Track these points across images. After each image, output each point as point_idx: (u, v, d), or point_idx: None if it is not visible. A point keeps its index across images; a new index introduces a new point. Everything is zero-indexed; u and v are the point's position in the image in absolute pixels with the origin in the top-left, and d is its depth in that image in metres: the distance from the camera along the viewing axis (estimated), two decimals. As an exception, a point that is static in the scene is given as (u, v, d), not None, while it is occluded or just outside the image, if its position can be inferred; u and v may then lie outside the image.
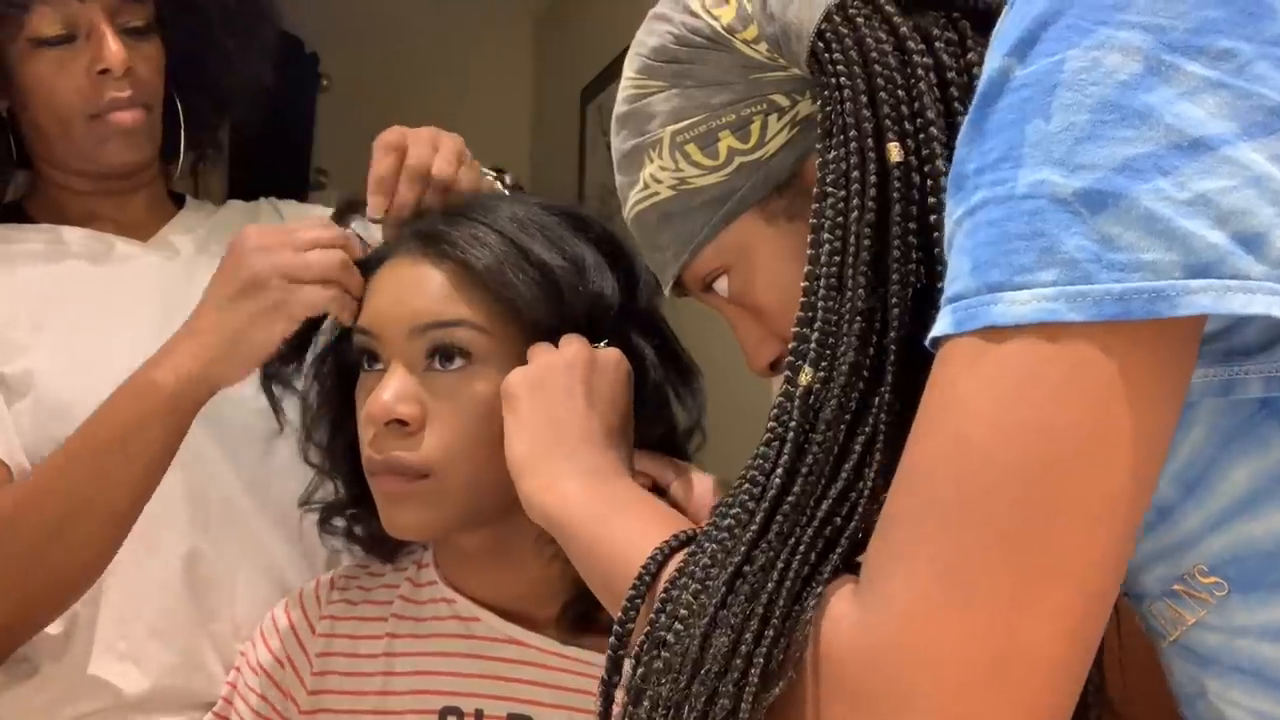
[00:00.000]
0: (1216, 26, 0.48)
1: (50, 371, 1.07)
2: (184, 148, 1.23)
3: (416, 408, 0.86)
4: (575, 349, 0.84)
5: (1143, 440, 0.48)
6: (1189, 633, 0.57)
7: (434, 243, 0.89)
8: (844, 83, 0.63)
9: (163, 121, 1.19)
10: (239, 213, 1.29)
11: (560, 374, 0.82)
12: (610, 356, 0.85)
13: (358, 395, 0.91)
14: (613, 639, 0.66)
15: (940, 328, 0.52)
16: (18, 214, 1.20)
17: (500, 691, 0.92)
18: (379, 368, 0.89)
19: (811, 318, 0.62)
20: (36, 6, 1.09)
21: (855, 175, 0.62)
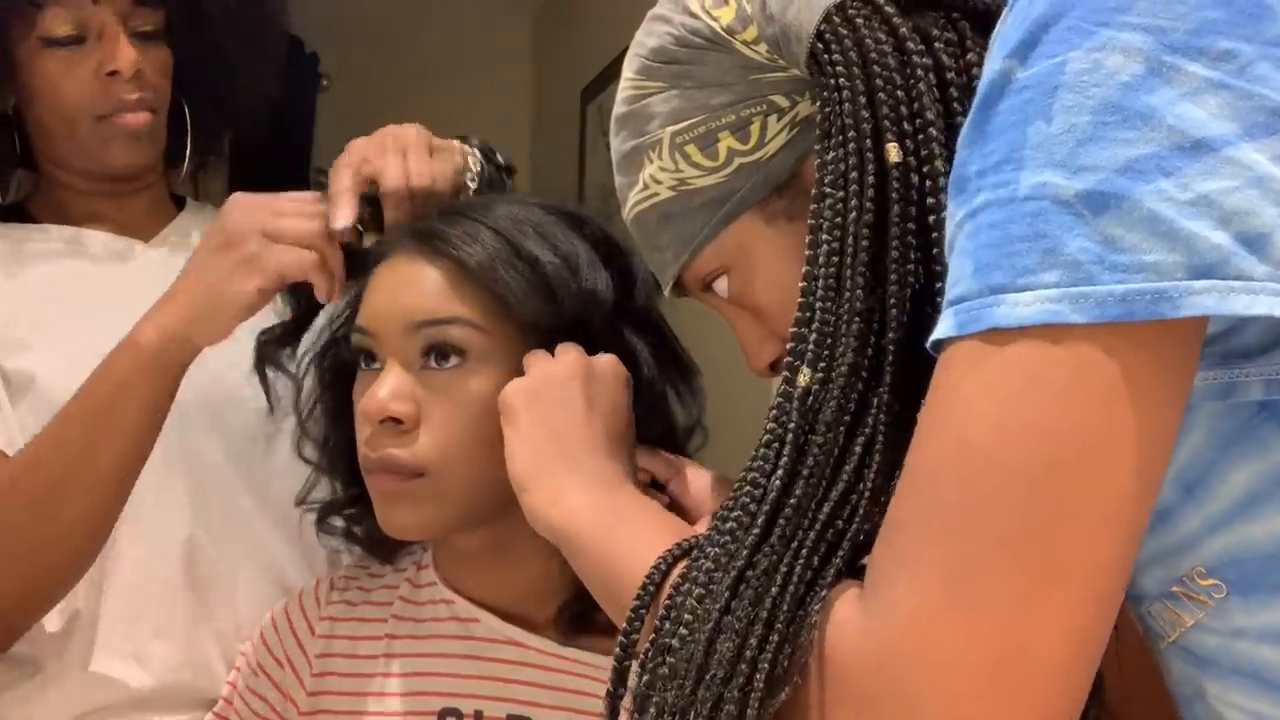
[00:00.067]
0: (1217, 27, 0.48)
1: (51, 370, 1.07)
2: (189, 153, 1.23)
3: (411, 406, 0.86)
4: (571, 358, 0.84)
5: (1147, 441, 0.48)
6: (1187, 634, 0.57)
7: (430, 241, 0.89)
8: (843, 83, 0.63)
9: (168, 126, 1.19)
10: None
11: (557, 384, 0.81)
12: (607, 363, 0.85)
13: (355, 394, 0.91)
14: (618, 650, 0.66)
15: (942, 330, 0.51)
16: (20, 214, 1.20)
17: (499, 693, 0.92)
18: (376, 367, 0.89)
19: (810, 318, 0.62)
20: (49, 6, 1.10)
21: (854, 176, 0.62)
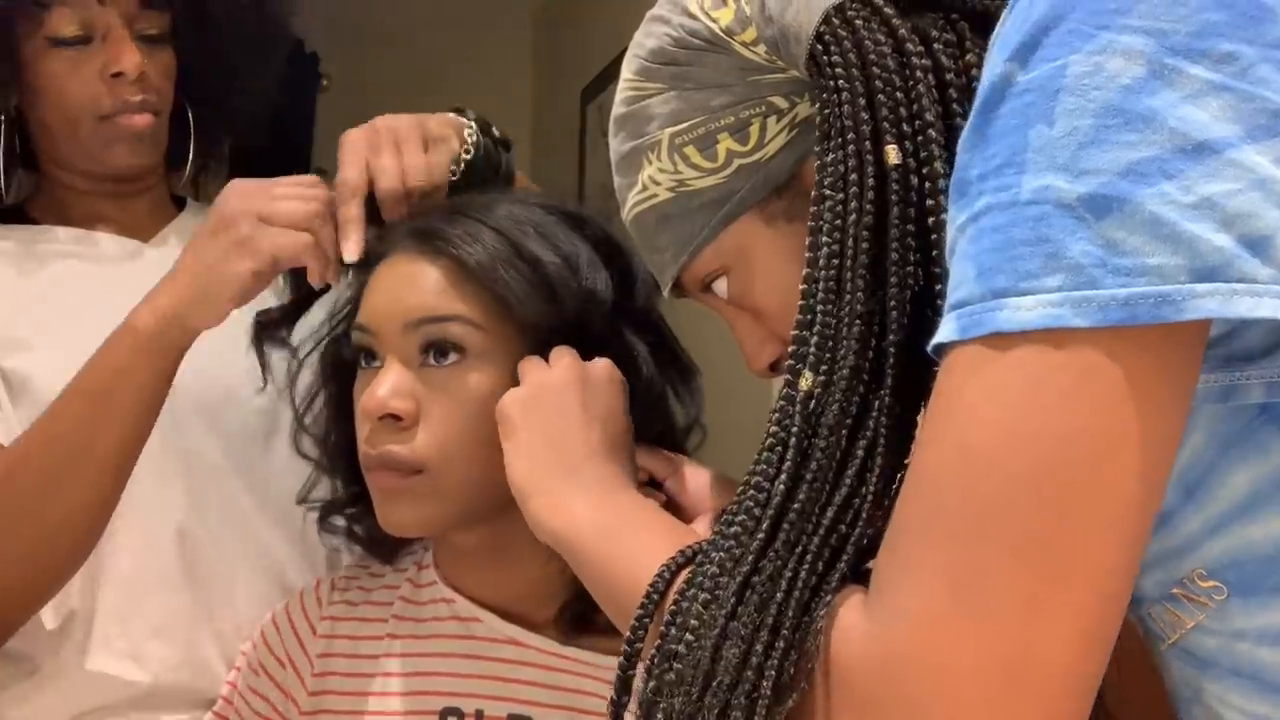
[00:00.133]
0: (1218, 30, 0.48)
1: (51, 370, 1.07)
2: (192, 156, 1.23)
3: (410, 403, 0.86)
4: (565, 364, 0.84)
5: (1151, 444, 0.48)
6: (1187, 636, 0.57)
7: (430, 240, 0.89)
8: (842, 85, 0.63)
9: (170, 129, 1.20)
10: None
11: (553, 392, 0.81)
12: (602, 368, 0.85)
13: (355, 392, 0.91)
14: (622, 659, 0.66)
15: (944, 334, 0.51)
16: (19, 216, 1.20)
17: (500, 692, 0.92)
18: (376, 365, 0.89)
19: (810, 321, 0.62)
20: (55, 6, 1.10)
21: (854, 178, 0.62)
